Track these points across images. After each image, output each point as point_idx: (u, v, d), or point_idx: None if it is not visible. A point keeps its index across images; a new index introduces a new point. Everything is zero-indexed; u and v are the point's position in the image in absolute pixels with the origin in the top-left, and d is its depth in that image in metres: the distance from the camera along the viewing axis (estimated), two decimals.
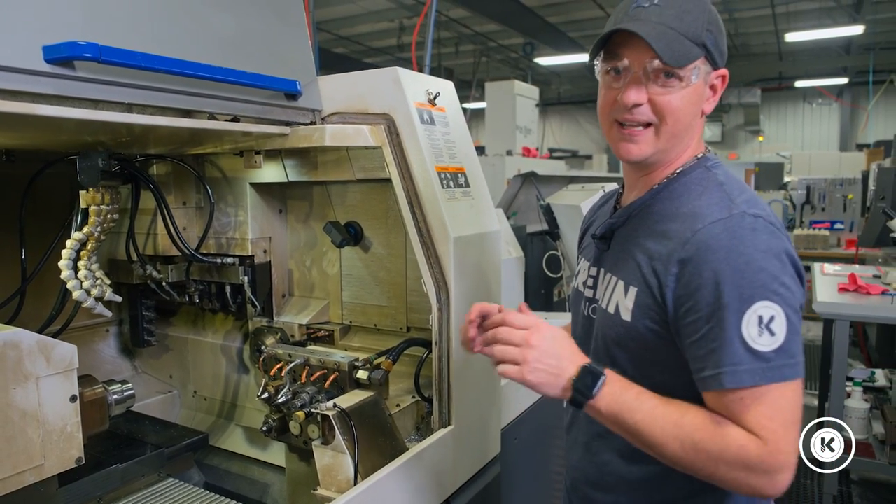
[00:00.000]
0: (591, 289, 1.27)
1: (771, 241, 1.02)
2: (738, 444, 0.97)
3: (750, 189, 1.13)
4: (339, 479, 1.40)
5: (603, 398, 1.04)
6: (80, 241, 1.55)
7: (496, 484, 1.82)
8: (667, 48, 1.05)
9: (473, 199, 1.68)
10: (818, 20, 11.17)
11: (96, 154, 1.49)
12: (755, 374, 0.97)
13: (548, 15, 11.24)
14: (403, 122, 1.55)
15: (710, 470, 1.00)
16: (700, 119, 1.17)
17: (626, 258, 1.17)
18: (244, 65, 1.44)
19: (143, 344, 2.17)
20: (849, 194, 7.47)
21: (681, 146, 1.17)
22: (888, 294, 3.37)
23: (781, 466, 0.96)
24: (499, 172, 5.79)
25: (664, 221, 1.13)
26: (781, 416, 0.97)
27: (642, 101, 1.10)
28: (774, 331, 0.98)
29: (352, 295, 1.97)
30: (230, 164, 1.93)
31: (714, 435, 0.98)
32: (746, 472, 0.96)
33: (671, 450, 1.01)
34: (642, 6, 1.10)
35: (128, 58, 1.17)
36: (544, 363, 1.06)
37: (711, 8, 1.13)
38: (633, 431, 1.04)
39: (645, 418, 1.02)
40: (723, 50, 1.14)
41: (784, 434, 0.96)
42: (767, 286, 0.98)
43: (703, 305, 1.01)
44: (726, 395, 0.99)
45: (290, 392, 1.57)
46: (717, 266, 1.00)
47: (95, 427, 1.50)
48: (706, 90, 1.14)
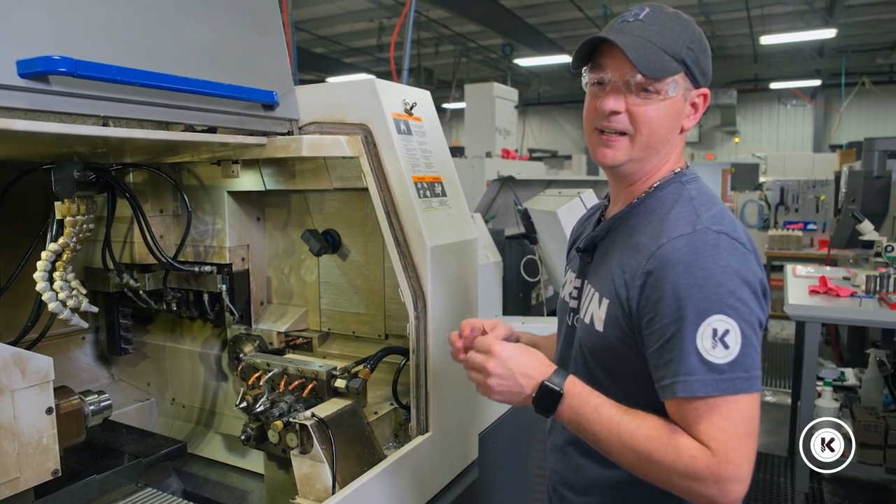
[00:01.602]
0: (575, 300, 1.31)
1: (731, 258, 1.05)
2: (689, 454, 1.00)
3: (721, 205, 1.16)
4: (317, 488, 1.41)
5: (563, 412, 1.10)
6: (55, 252, 1.54)
7: (475, 488, 1.84)
8: (643, 60, 1.09)
9: (450, 208, 1.70)
10: (792, 23, 11.36)
11: (71, 165, 1.49)
12: (707, 385, 1.00)
13: (527, 16, 11.30)
14: (380, 133, 1.56)
15: (664, 479, 1.03)
16: (680, 135, 1.21)
17: (604, 270, 1.20)
18: (221, 76, 1.44)
19: (120, 352, 2.16)
20: (821, 195, 7.63)
21: (657, 159, 1.20)
22: (856, 296, 3.45)
23: (731, 477, 0.98)
24: (478, 174, 5.81)
25: (636, 235, 1.16)
26: (733, 428, 0.99)
27: (619, 109, 1.14)
28: (728, 344, 1.01)
29: (330, 302, 1.98)
30: (207, 173, 1.93)
31: (667, 445, 1.01)
32: (697, 482, 0.99)
33: (628, 460, 1.05)
34: (627, 21, 1.16)
35: (103, 71, 1.17)
36: (503, 385, 1.14)
37: (696, 29, 1.17)
38: (593, 441, 1.09)
39: (602, 430, 1.06)
40: (705, 70, 1.18)
41: (735, 445, 0.99)
42: (724, 301, 1.01)
43: (663, 316, 1.04)
44: (681, 405, 1.03)
45: (268, 401, 1.57)
46: (676, 279, 1.04)
47: (72, 438, 1.49)
48: (686, 107, 1.18)
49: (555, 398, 1.10)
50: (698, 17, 11.42)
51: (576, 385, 1.11)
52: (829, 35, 11.27)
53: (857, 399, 3.79)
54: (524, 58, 13.39)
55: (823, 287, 3.61)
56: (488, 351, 1.15)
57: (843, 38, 12.27)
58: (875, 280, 3.52)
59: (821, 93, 16.44)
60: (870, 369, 3.68)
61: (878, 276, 3.52)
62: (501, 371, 1.13)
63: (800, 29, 11.13)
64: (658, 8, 1.16)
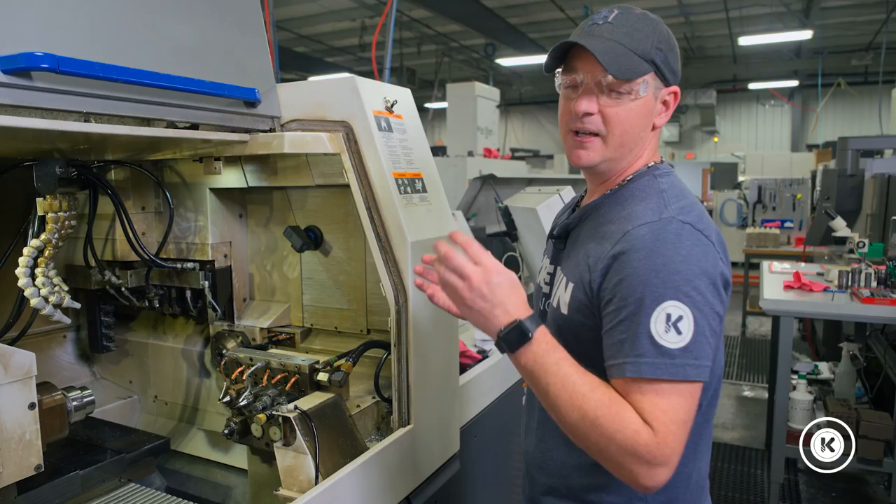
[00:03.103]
0: (548, 285, 1.35)
1: (693, 248, 1.07)
2: (633, 428, 1.00)
3: (690, 198, 1.19)
4: (300, 480, 1.43)
5: (524, 354, 1.07)
6: (37, 248, 1.54)
7: (456, 481, 1.87)
8: (614, 62, 1.12)
9: (431, 204, 1.73)
10: (769, 24, 11.53)
11: (53, 161, 1.49)
12: (657, 368, 1.02)
13: (509, 16, 11.36)
14: (361, 130, 1.59)
15: (600, 446, 1.02)
16: (652, 132, 1.25)
17: (574, 256, 1.24)
18: (203, 73, 1.46)
19: (101, 349, 2.16)
20: (798, 194, 7.77)
21: (630, 156, 1.23)
22: (829, 291, 3.53)
23: (664, 461, 0.99)
24: (460, 173, 5.84)
25: (606, 224, 1.20)
26: (674, 413, 1.01)
27: (593, 111, 1.17)
28: (681, 330, 1.02)
29: (312, 298, 1.99)
30: (190, 170, 1.94)
31: (615, 415, 1.01)
32: (632, 457, 1.00)
33: (571, 419, 1.04)
34: (597, 23, 1.18)
35: (85, 68, 1.19)
36: (477, 304, 1.09)
37: (664, 29, 1.20)
38: (543, 392, 1.07)
39: (556, 382, 1.05)
40: (674, 69, 1.21)
41: (674, 430, 1.00)
42: (680, 287, 1.03)
43: (620, 299, 1.07)
44: (628, 385, 1.04)
45: (251, 395, 1.59)
46: (637, 264, 1.06)
47: (55, 434, 1.50)
48: (657, 105, 1.22)
49: (522, 340, 1.07)
50: (678, 18, 11.56)
51: (546, 335, 1.09)
52: (805, 36, 11.47)
53: (831, 392, 3.87)
54: (506, 58, 13.46)
55: (797, 282, 3.68)
56: (478, 262, 1.09)
57: (819, 40, 12.49)
58: (847, 275, 3.60)
59: (798, 93, 16.70)
60: (843, 363, 3.76)
61: (851, 271, 3.60)
62: (485, 291, 1.08)
63: (777, 30, 11.31)
64: (626, 9, 1.20)
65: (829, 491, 3.93)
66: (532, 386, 1.10)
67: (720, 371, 1.22)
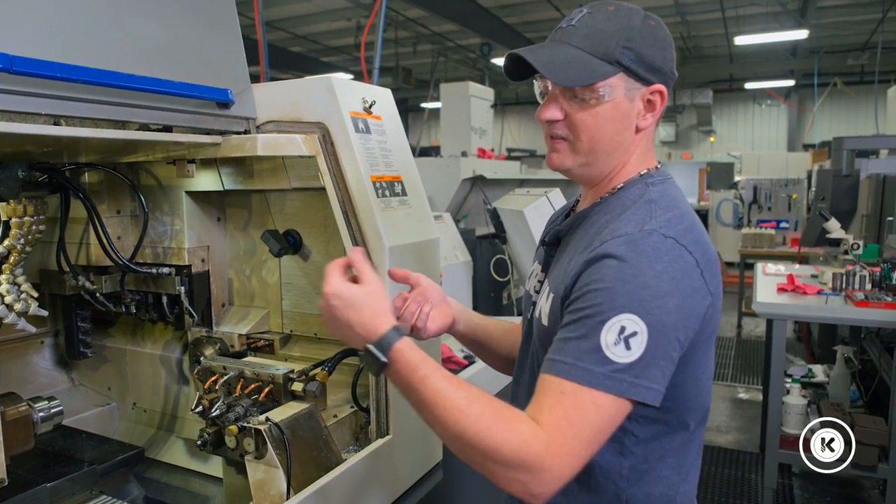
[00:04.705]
0: (537, 293, 1.30)
1: (671, 264, 1.01)
2: (521, 438, 0.94)
3: (682, 209, 1.12)
4: (271, 494, 1.39)
5: (389, 376, 1.07)
6: (0, 254, 1.49)
7: (440, 490, 1.83)
8: (559, 70, 1.09)
9: (410, 208, 1.68)
10: (766, 24, 11.50)
11: (16, 165, 1.44)
12: (591, 377, 0.96)
13: (504, 16, 11.34)
14: (337, 132, 1.54)
15: (485, 459, 0.97)
16: (637, 135, 1.17)
17: (559, 265, 1.20)
18: (175, 73, 1.41)
19: (79, 356, 2.11)
20: (793, 194, 7.75)
21: (611, 161, 1.17)
22: (823, 294, 3.49)
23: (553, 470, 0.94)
24: (454, 173, 5.78)
25: (591, 233, 1.15)
26: (580, 429, 0.95)
27: (555, 118, 1.14)
28: (631, 346, 0.96)
29: (292, 304, 1.95)
30: (165, 173, 1.89)
31: (500, 427, 0.95)
32: (519, 467, 0.94)
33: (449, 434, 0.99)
34: (562, 27, 1.15)
35: (46, 68, 1.14)
36: (334, 331, 1.12)
37: (641, 24, 1.12)
38: (418, 410, 1.04)
39: (426, 399, 1.01)
40: (654, 65, 1.12)
41: (572, 445, 0.95)
42: (644, 303, 0.97)
43: (581, 302, 1.02)
44: (552, 383, 0.98)
45: (224, 405, 1.54)
46: (606, 271, 1.01)
47: (19, 446, 1.45)
48: (635, 106, 1.14)
49: (378, 363, 1.04)
50: (674, 17, 11.53)
51: (404, 353, 1.04)
52: (801, 36, 11.45)
53: (825, 395, 3.83)
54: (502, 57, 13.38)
55: (791, 285, 3.64)
56: (326, 287, 1.11)
57: (815, 40, 12.47)
58: (841, 277, 3.56)
59: (794, 93, 16.69)
60: (837, 366, 3.73)
61: (845, 273, 3.56)
62: (326, 314, 1.11)
63: (773, 30, 11.29)
64: (596, 7, 1.14)
65: (823, 496, 3.90)
66: (410, 404, 1.06)
67: (706, 395, 1.16)
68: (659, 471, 1.12)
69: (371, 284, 1.12)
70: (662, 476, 1.13)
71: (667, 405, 1.03)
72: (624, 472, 1.11)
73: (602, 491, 1.10)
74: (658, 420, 1.10)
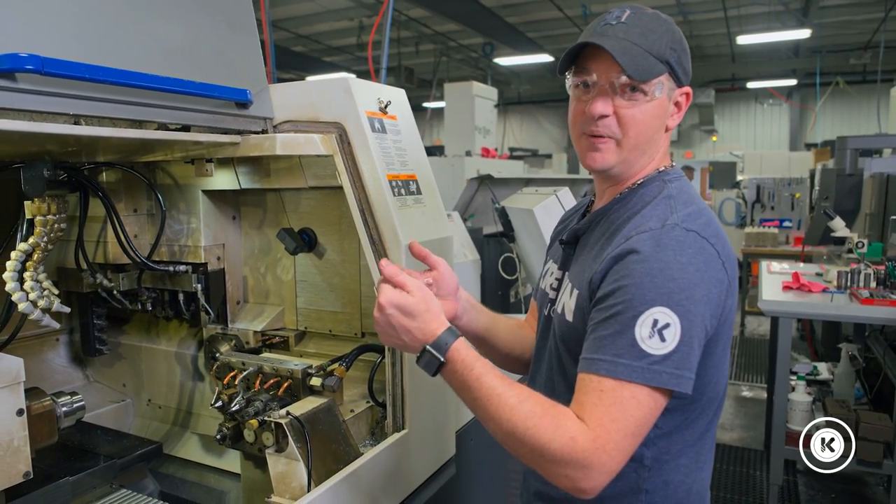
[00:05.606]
0: (554, 290, 1.32)
1: (695, 256, 1.05)
2: (568, 435, 0.98)
3: (699, 204, 1.16)
4: (292, 487, 1.41)
5: (445, 376, 1.11)
6: (25, 252, 1.52)
7: (452, 485, 1.85)
8: (631, 63, 1.10)
9: (425, 206, 1.71)
10: (768, 23, 11.53)
11: (41, 164, 1.47)
12: (632, 371, 0.99)
13: (506, 15, 11.35)
14: (354, 131, 1.57)
15: (535, 455, 1.01)
16: (664, 134, 1.22)
17: (581, 262, 1.22)
18: (194, 74, 1.43)
19: (94, 353, 2.14)
20: (796, 193, 7.76)
21: (644, 159, 1.21)
22: (828, 292, 3.51)
23: (601, 467, 0.97)
24: (458, 173, 5.81)
25: (612, 230, 1.17)
26: (624, 424, 0.98)
27: (608, 113, 1.15)
28: (666, 337, 0.99)
29: (306, 301, 1.97)
30: (182, 172, 1.92)
31: (548, 424, 0.99)
32: (567, 464, 0.97)
33: (502, 430, 1.03)
34: (610, 24, 1.15)
35: (71, 69, 1.16)
36: (389, 338, 1.16)
37: (676, 29, 1.18)
38: (472, 408, 1.09)
39: (480, 397, 1.06)
40: (687, 69, 1.19)
41: (618, 440, 0.98)
42: (672, 295, 1.01)
43: (612, 298, 1.05)
44: (592, 382, 1.02)
45: (243, 400, 1.57)
46: (633, 267, 1.04)
47: (44, 440, 1.48)
48: (670, 106, 1.20)
49: (436, 363, 1.10)
50: (676, 17, 11.53)
51: (460, 353, 1.09)
52: (803, 35, 11.47)
53: (830, 393, 3.85)
54: (504, 57, 13.45)
55: (796, 283, 3.66)
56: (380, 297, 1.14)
57: (817, 39, 12.48)
58: (846, 276, 3.58)
59: (796, 92, 16.70)
60: (842, 363, 3.74)
61: (850, 271, 3.58)
62: (383, 324, 1.14)
63: (775, 29, 11.31)
64: (638, 9, 1.17)
65: (828, 492, 3.92)
66: (464, 402, 1.11)
67: (724, 386, 1.20)
68: (678, 460, 1.16)
69: (420, 292, 1.16)
70: (681, 465, 1.16)
71: (692, 395, 1.06)
72: (646, 461, 1.14)
73: (624, 478, 1.13)
74: (680, 410, 1.13)
